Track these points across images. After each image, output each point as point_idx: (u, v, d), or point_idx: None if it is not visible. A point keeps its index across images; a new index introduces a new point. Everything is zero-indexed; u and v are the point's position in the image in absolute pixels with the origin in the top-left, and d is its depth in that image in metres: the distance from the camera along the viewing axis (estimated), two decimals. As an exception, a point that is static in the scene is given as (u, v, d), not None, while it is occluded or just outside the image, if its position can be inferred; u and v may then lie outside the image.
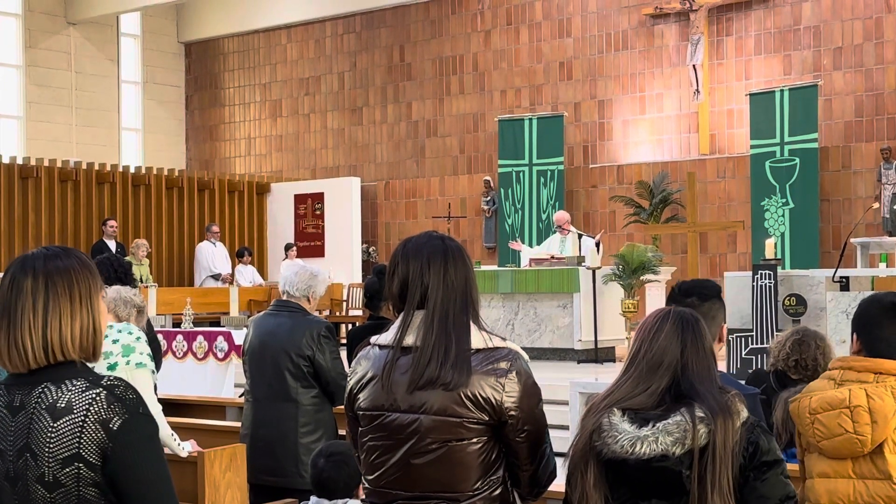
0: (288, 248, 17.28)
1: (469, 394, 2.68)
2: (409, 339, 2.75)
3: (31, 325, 2.33)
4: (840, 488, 3.22)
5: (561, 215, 13.64)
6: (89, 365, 2.40)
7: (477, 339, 2.74)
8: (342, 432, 5.50)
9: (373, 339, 2.87)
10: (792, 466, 3.49)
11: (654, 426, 2.60)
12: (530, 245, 15.44)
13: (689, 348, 2.71)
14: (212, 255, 17.28)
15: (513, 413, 2.70)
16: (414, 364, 2.72)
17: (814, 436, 3.25)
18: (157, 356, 6.17)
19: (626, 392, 2.72)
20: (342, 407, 2.92)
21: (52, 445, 2.26)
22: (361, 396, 2.81)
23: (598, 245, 12.58)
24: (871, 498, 3.18)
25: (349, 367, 2.96)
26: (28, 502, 2.29)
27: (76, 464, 2.25)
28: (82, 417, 2.26)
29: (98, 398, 2.28)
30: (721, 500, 2.55)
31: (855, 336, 3.38)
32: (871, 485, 3.19)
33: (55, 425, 2.27)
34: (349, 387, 2.88)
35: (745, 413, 2.66)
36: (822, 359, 4.90)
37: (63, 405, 2.28)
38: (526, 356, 2.81)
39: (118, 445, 2.26)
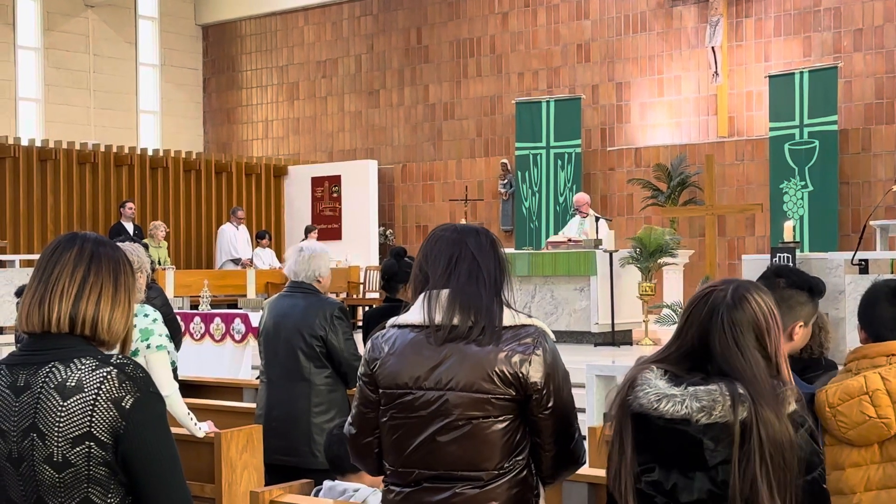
0: (308, 230, 17.27)
1: (497, 370, 2.69)
2: (438, 318, 2.76)
3: (64, 291, 2.33)
4: (872, 474, 3.21)
5: (580, 197, 13.62)
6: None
7: (505, 317, 2.76)
8: None
9: (391, 321, 2.87)
10: None
11: (685, 388, 2.48)
12: (546, 228, 15.44)
13: (718, 345, 2.52)
14: (234, 239, 17.30)
15: (538, 388, 2.72)
16: (443, 337, 2.74)
17: (837, 428, 3.23)
18: (175, 337, 6.21)
19: (668, 360, 2.59)
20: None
21: (61, 425, 2.24)
22: (382, 374, 2.81)
23: (606, 220, 12.59)
24: None
25: (365, 348, 2.96)
26: (33, 483, 2.27)
27: (87, 443, 2.24)
28: (94, 396, 2.25)
29: (109, 376, 2.27)
30: (772, 500, 2.41)
31: (859, 326, 3.43)
32: None
33: (65, 404, 2.25)
34: (365, 368, 2.87)
35: (792, 407, 2.49)
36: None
37: (73, 384, 2.26)
38: (552, 334, 2.82)
39: (131, 424, 2.25)
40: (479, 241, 2.85)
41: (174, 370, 5.42)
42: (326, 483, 3.94)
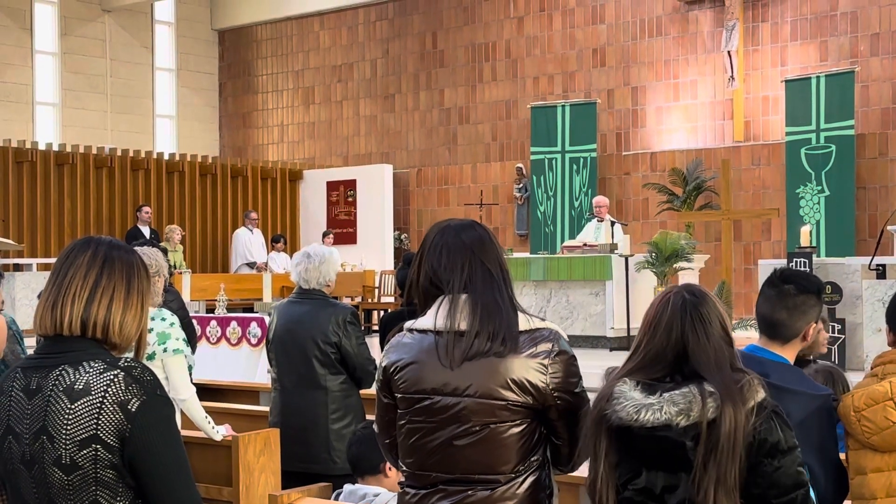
0: (325, 235, 17.35)
1: (515, 378, 2.69)
2: (454, 324, 2.75)
3: (76, 294, 2.33)
4: (894, 480, 3.19)
5: (601, 199, 13.61)
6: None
7: (520, 321, 2.76)
8: (370, 417, 5.52)
9: (406, 324, 2.88)
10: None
11: (661, 395, 2.56)
12: (561, 232, 15.39)
13: (690, 338, 2.62)
14: (248, 243, 17.37)
15: (557, 394, 2.73)
16: (464, 344, 2.73)
17: (862, 433, 3.22)
18: (191, 340, 6.22)
19: (639, 369, 2.69)
20: (370, 391, 2.95)
21: (69, 427, 2.25)
22: (400, 379, 2.81)
23: (622, 225, 12.57)
24: None
25: (381, 352, 2.97)
26: (45, 486, 2.28)
27: (94, 445, 2.24)
28: (100, 399, 2.25)
29: (116, 379, 2.27)
30: (724, 493, 2.47)
31: (887, 328, 3.40)
32: None
33: (72, 407, 2.25)
34: (383, 371, 2.87)
35: (760, 396, 2.57)
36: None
37: (81, 387, 2.27)
38: (565, 335, 2.83)
39: (136, 427, 2.25)
40: (481, 237, 2.86)
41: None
42: (347, 486, 3.93)
